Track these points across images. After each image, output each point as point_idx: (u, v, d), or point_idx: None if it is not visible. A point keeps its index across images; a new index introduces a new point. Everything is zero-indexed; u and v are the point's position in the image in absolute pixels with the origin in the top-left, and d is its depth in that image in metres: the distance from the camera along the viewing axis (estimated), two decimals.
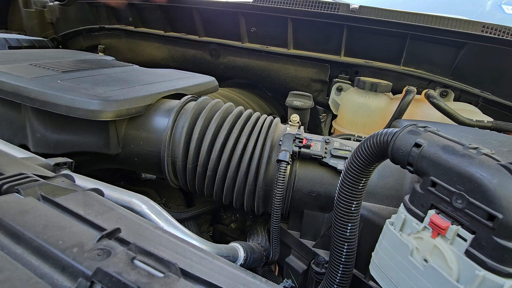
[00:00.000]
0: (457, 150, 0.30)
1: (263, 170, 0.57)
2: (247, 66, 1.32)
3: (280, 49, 1.30)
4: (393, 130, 0.36)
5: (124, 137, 0.67)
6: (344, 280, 0.43)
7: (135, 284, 0.26)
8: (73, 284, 0.26)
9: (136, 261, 0.29)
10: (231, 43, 1.34)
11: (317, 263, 0.53)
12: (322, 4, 1.20)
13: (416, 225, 0.33)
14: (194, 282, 0.29)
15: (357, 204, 0.41)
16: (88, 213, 0.36)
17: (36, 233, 0.30)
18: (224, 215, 0.87)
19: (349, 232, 0.41)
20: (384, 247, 0.36)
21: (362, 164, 0.38)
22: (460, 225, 0.29)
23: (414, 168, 0.33)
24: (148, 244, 0.32)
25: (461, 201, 0.28)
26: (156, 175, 0.92)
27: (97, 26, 1.54)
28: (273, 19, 1.24)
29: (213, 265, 0.32)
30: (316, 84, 1.30)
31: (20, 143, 0.72)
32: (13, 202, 0.34)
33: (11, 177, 0.39)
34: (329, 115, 1.45)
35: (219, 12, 1.30)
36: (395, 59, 1.18)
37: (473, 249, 0.28)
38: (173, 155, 0.63)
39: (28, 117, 0.69)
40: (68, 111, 0.61)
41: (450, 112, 0.89)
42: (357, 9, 1.16)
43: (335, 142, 0.55)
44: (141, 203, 0.49)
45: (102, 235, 0.31)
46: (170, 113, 0.65)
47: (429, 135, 0.34)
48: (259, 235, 0.67)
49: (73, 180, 0.47)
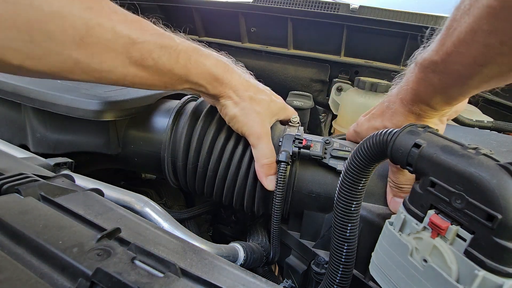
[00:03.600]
0: (456, 150, 0.30)
1: None
2: (247, 66, 1.32)
3: (280, 49, 1.30)
4: (392, 130, 0.36)
5: (124, 137, 0.68)
6: (344, 280, 0.43)
7: (135, 284, 0.26)
8: (73, 284, 0.26)
9: (136, 261, 0.29)
10: (231, 43, 1.34)
11: (317, 264, 0.53)
12: (322, 4, 1.20)
13: (415, 225, 0.33)
14: (194, 282, 0.29)
15: (357, 204, 0.41)
16: (88, 213, 0.36)
17: (36, 233, 0.30)
18: (224, 215, 0.87)
19: (349, 232, 0.41)
20: (383, 247, 0.37)
21: (361, 164, 0.39)
22: (459, 225, 0.29)
23: (414, 168, 0.34)
24: (148, 244, 0.32)
25: (460, 201, 0.29)
26: (156, 175, 0.92)
27: None
28: (273, 19, 1.24)
29: (213, 265, 0.33)
30: (316, 84, 1.30)
31: (20, 143, 0.72)
32: (13, 202, 0.35)
33: (11, 177, 0.39)
34: (329, 115, 1.45)
35: (219, 12, 1.30)
36: (395, 59, 1.18)
37: (472, 249, 0.28)
38: (173, 155, 0.64)
39: (28, 117, 0.69)
40: (68, 111, 0.61)
41: None
42: (357, 9, 1.16)
43: (334, 142, 0.55)
44: (141, 203, 0.49)
45: (102, 235, 0.31)
46: (170, 113, 0.65)
47: (428, 136, 0.34)
48: (259, 235, 0.67)
49: (73, 180, 0.48)
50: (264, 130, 0.55)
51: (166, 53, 0.47)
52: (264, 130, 0.55)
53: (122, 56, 0.43)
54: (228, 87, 0.54)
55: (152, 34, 0.46)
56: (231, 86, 0.54)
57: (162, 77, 0.49)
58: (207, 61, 0.52)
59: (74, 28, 0.39)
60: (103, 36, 0.41)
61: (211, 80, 0.53)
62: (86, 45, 0.40)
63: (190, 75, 0.50)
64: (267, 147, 0.55)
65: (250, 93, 0.56)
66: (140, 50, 0.44)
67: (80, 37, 0.39)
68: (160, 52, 0.46)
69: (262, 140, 0.55)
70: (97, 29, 0.40)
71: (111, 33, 0.41)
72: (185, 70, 0.49)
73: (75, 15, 0.38)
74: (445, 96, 0.41)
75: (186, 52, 0.49)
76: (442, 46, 0.37)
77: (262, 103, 0.57)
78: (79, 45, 0.40)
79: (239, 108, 0.55)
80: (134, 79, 0.47)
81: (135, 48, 0.44)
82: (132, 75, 0.46)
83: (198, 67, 0.51)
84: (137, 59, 0.45)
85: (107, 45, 0.42)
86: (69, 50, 0.39)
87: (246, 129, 0.55)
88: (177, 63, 0.48)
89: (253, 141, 0.55)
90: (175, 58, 0.48)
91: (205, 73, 0.52)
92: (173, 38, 0.50)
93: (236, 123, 0.56)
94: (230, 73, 0.55)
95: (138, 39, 0.44)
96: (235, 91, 0.55)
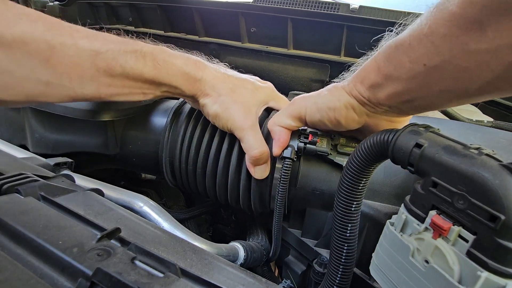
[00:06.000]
0: (458, 150, 0.30)
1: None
2: (247, 66, 1.32)
3: (280, 49, 1.30)
4: (393, 130, 0.36)
5: (122, 138, 0.67)
6: (344, 281, 0.43)
7: (135, 284, 0.26)
8: (73, 284, 0.26)
9: (136, 261, 0.29)
10: (231, 43, 1.34)
11: (320, 263, 0.53)
12: (322, 4, 1.20)
13: (417, 226, 0.33)
14: (194, 282, 0.29)
15: (357, 204, 0.40)
16: (88, 213, 0.36)
17: (36, 233, 0.30)
18: (224, 215, 0.87)
19: (349, 232, 0.41)
20: (384, 248, 0.36)
21: (362, 164, 0.38)
22: (461, 226, 0.29)
23: (415, 168, 0.33)
24: (148, 244, 0.32)
25: (463, 201, 0.28)
26: (155, 175, 0.92)
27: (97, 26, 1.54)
28: (273, 19, 1.24)
29: (213, 265, 0.32)
30: (316, 84, 1.30)
31: (20, 144, 0.72)
32: (13, 202, 0.34)
33: (11, 177, 0.39)
34: None
35: (219, 12, 1.30)
36: None
37: (474, 250, 0.28)
38: (171, 155, 0.63)
39: (27, 117, 0.69)
40: (66, 112, 0.61)
41: (449, 112, 0.89)
42: (357, 9, 1.16)
43: (340, 138, 0.54)
44: (141, 203, 0.49)
45: (102, 235, 0.31)
46: (168, 113, 0.65)
47: (430, 135, 0.33)
48: (259, 235, 0.67)
49: (73, 180, 0.47)
50: (248, 122, 0.53)
51: (132, 57, 0.47)
52: (248, 121, 0.53)
53: (89, 69, 0.44)
54: (203, 83, 0.52)
55: (114, 42, 0.46)
56: (206, 82, 0.52)
57: (135, 83, 0.48)
58: (176, 61, 0.51)
59: (39, 51, 0.40)
60: (67, 53, 0.42)
61: (184, 80, 0.51)
62: (52, 65, 0.41)
63: (161, 77, 0.49)
64: (254, 138, 0.52)
65: (229, 85, 0.54)
66: (105, 59, 0.45)
67: (46, 59, 0.40)
68: (125, 57, 0.46)
69: (247, 131, 0.52)
70: (60, 48, 0.41)
71: (74, 49, 0.42)
72: (155, 72, 0.49)
73: (38, 38, 0.39)
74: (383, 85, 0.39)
75: (152, 54, 0.49)
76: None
77: (244, 93, 0.55)
78: (46, 67, 0.41)
79: (219, 103, 0.53)
80: (109, 89, 0.47)
81: (99, 58, 0.44)
82: (106, 86, 0.46)
83: (168, 67, 0.50)
84: (105, 68, 0.45)
85: (73, 61, 0.43)
86: (38, 74, 0.40)
87: (230, 124, 0.53)
88: (145, 66, 0.48)
89: (238, 135, 0.53)
90: (142, 61, 0.48)
91: (177, 73, 0.50)
92: (137, 43, 0.50)
93: (219, 121, 0.54)
94: (203, 69, 0.53)
95: (100, 49, 0.44)
96: (212, 86, 0.53)
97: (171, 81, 0.50)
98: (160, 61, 0.49)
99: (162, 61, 0.49)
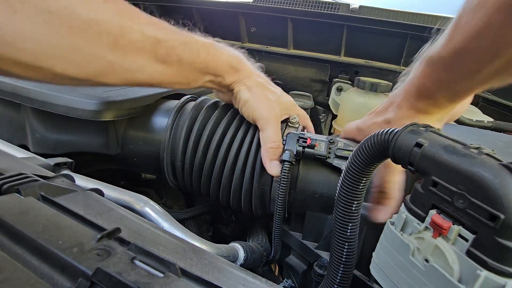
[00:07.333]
0: (458, 149, 0.30)
1: (258, 169, 0.57)
2: None
3: (280, 49, 1.30)
4: (394, 130, 0.36)
5: (123, 138, 0.67)
6: (345, 280, 0.43)
7: (135, 284, 0.26)
8: (73, 284, 0.26)
9: (136, 261, 0.29)
10: (231, 43, 1.34)
11: (320, 266, 0.53)
12: (322, 4, 1.20)
13: (417, 225, 0.33)
14: (194, 282, 0.29)
15: (357, 204, 0.41)
16: (88, 213, 0.36)
17: (36, 233, 0.30)
18: (224, 215, 0.87)
19: (350, 232, 0.41)
20: (384, 247, 0.36)
21: (362, 163, 0.38)
22: (461, 225, 0.29)
23: (415, 167, 0.33)
24: (148, 244, 0.32)
25: (463, 201, 0.28)
26: (156, 175, 0.92)
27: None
28: (273, 19, 1.24)
29: (213, 265, 0.32)
30: (316, 84, 1.30)
31: (20, 143, 0.72)
32: (13, 202, 0.34)
33: (11, 177, 0.39)
34: (329, 115, 1.45)
35: (219, 12, 1.30)
36: (395, 59, 1.18)
37: (474, 249, 0.28)
38: (172, 155, 0.63)
39: (28, 117, 0.69)
40: (67, 112, 0.61)
41: None
42: (357, 9, 1.17)
43: (339, 142, 0.55)
44: (141, 203, 0.49)
45: (102, 235, 0.31)
46: (170, 113, 0.65)
47: (430, 135, 0.33)
48: (259, 235, 0.67)
49: (73, 180, 0.47)
50: (273, 115, 0.58)
51: (188, 49, 0.51)
52: (273, 115, 0.58)
53: (149, 54, 0.47)
54: (243, 74, 0.59)
55: (174, 32, 0.50)
56: (245, 73, 0.59)
57: (185, 72, 0.53)
58: (223, 54, 0.56)
59: (109, 32, 0.42)
60: (133, 37, 0.45)
61: (227, 69, 0.57)
62: (119, 47, 0.44)
63: (209, 67, 0.55)
64: (274, 131, 0.57)
65: (262, 81, 0.61)
66: (165, 47, 0.48)
67: (114, 40, 0.43)
68: (183, 48, 0.50)
69: (270, 123, 0.57)
70: (128, 32, 0.44)
71: (140, 35, 0.46)
72: (204, 63, 0.53)
73: (109, 20, 0.42)
74: (451, 91, 0.42)
75: (204, 47, 0.54)
76: (450, 42, 0.37)
77: (274, 93, 0.61)
78: (113, 48, 0.43)
79: (252, 93, 0.58)
80: (161, 76, 0.50)
81: (160, 46, 0.48)
82: (159, 73, 0.50)
83: (216, 59, 0.55)
84: (163, 56, 0.48)
85: (137, 46, 0.46)
86: (105, 53, 0.43)
87: (257, 113, 0.58)
88: (198, 58, 0.52)
89: (261, 125, 0.58)
90: (196, 53, 0.52)
91: (222, 64, 0.56)
92: (192, 35, 0.54)
93: (248, 108, 0.59)
94: (244, 63, 0.60)
95: (163, 38, 0.48)
96: (249, 77, 0.59)
97: (217, 70, 0.56)
98: (211, 53, 0.54)
99: (212, 53, 0.54)
